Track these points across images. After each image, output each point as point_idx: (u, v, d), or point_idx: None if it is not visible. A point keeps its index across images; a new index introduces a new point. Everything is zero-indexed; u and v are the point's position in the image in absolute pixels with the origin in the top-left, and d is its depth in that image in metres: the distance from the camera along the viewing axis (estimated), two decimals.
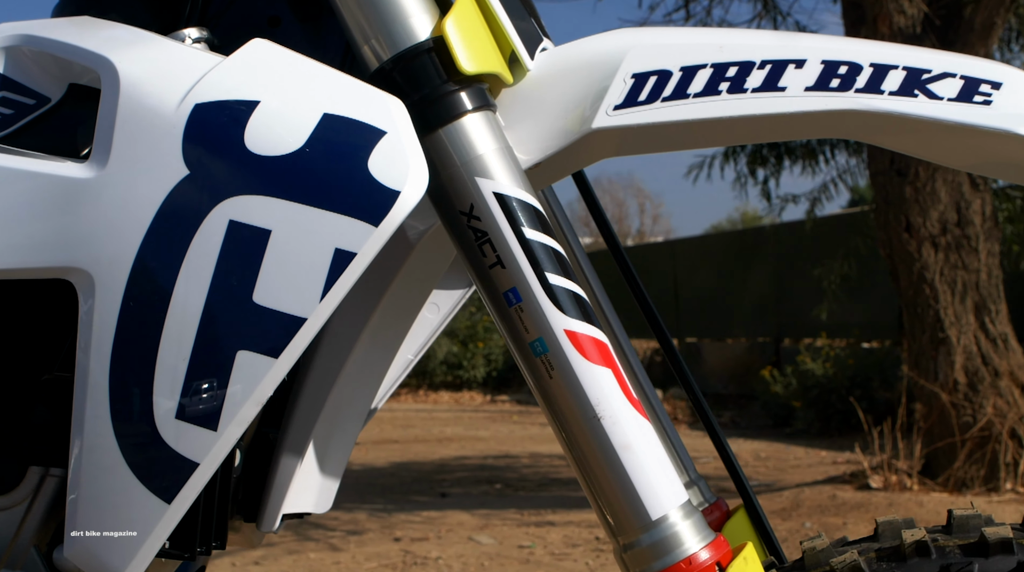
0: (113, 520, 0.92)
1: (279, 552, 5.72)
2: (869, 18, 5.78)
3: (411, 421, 11.84)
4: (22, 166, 0.96)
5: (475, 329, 15.44)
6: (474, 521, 6.36)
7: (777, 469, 8.08)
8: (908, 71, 1.03)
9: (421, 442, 10.04)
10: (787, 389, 10.26)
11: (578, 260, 1.30)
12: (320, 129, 0.92)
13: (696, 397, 1.26)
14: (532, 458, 8.88)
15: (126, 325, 0.92)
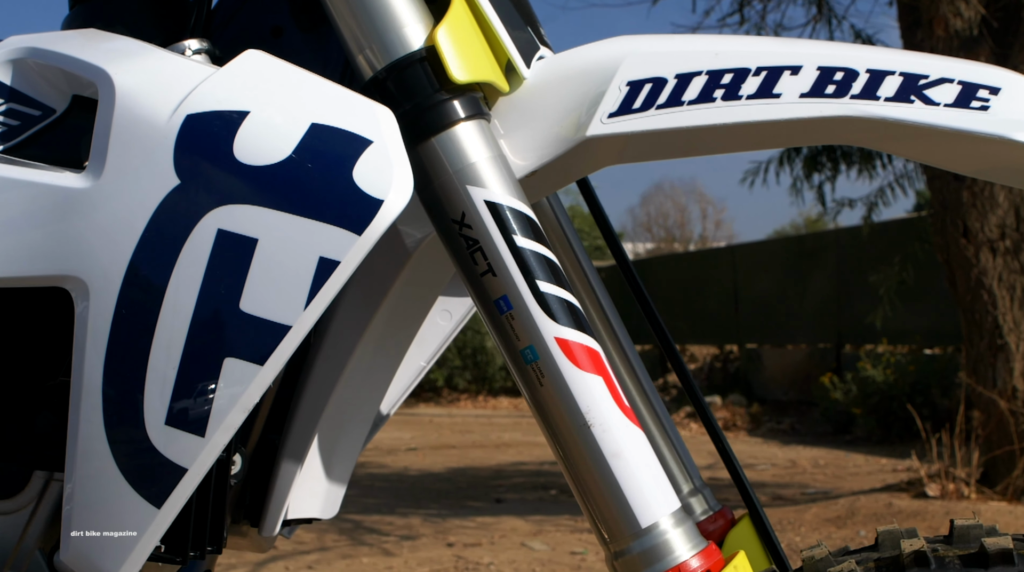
0: (105, 524, 0.94)
1: (333, 556, 5.76)
2: (924, 21, 5.72)
3: (470, 426, 11.87)
4: (21, 176, 0.98)
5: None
6: (528, 527, 6.36)
7: (835, 477, 8.00)
8: (905, 77, 1.02)
9: (479, 448, 10.06)
10: (847, 396, 10.17)
11: (582, 268, 1.30)
12: (307, 139, 0.93)
13: (697, 398, 1.26)
14: None
15: (119, 332, 0.94)
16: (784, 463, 8.84)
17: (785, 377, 12.62)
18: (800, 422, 11.32)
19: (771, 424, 11.37)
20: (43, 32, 1.11)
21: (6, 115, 1.07)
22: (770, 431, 11.07)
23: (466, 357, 14.90)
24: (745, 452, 9.60)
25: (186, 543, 1.01)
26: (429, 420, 12.80)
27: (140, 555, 0.93)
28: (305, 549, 5.93)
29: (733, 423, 11.47)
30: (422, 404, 14.87)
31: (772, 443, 10.27)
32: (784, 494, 7.29)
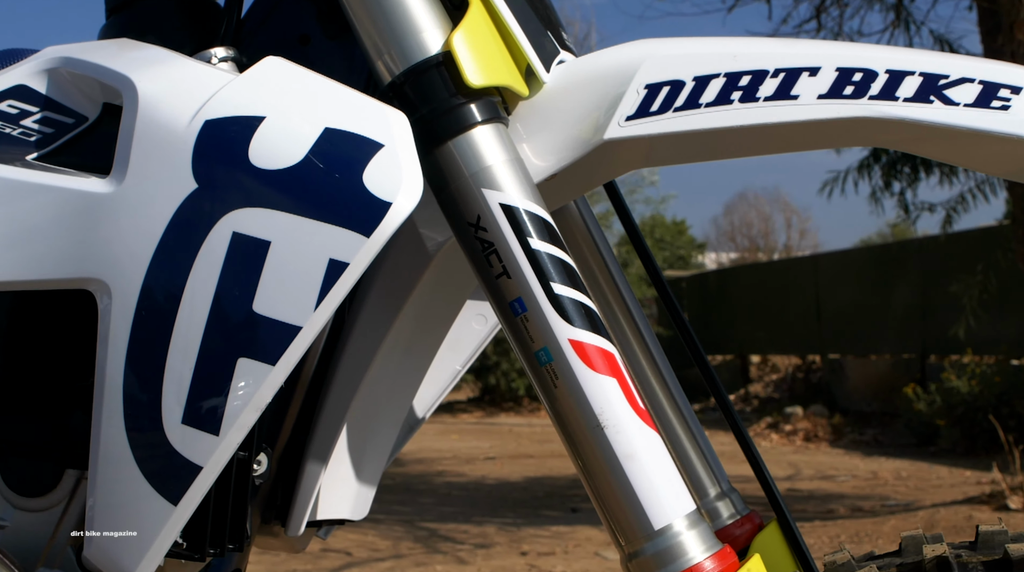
0: (125, 520, 0.96)
1: (407, 564, 5.79)
2: (1005, 25, 5.62)
3: (549, 436, 11.86)
4: (50, 182, 1.01)
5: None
6: (602, 536, 6.34)
7: (917, 489, 7.88)
8: (925, 77, 1.01)
9: (557, 457, 10.05)
10: (931, 407, 10.01)
11: (610, 272, 1.30)
12: (320, 143, 0.95)
13: (725, 405, 1.25)
14: None
15: (138, 333, 0.96)
16: (865, 475, 8.73)
17: (868, 388, 12.46)
18: (883, 433, 11.16)
19: (853, 435, 11.23)
20: (80, 42, 1.14)
21: (41, 123, 1.10)
22: (852, 442, 10.93)
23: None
24: (826, 463, 9.49)
25: (205, 540, 1.03)
26: (508, 429, 12.83)
27: (158, 551, 0.95)
28: (380, 556, 5.97)
29: (815, 434, 11.34)
30: (503, 413, 14.90)
31: (854, 454, 10.14)
32: (863, 506, 7.20)
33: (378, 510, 7.35)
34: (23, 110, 1.10)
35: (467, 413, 14.90)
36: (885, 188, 7.30)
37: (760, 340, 15.21)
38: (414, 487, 8.49)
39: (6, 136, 1.09)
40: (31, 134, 1.10)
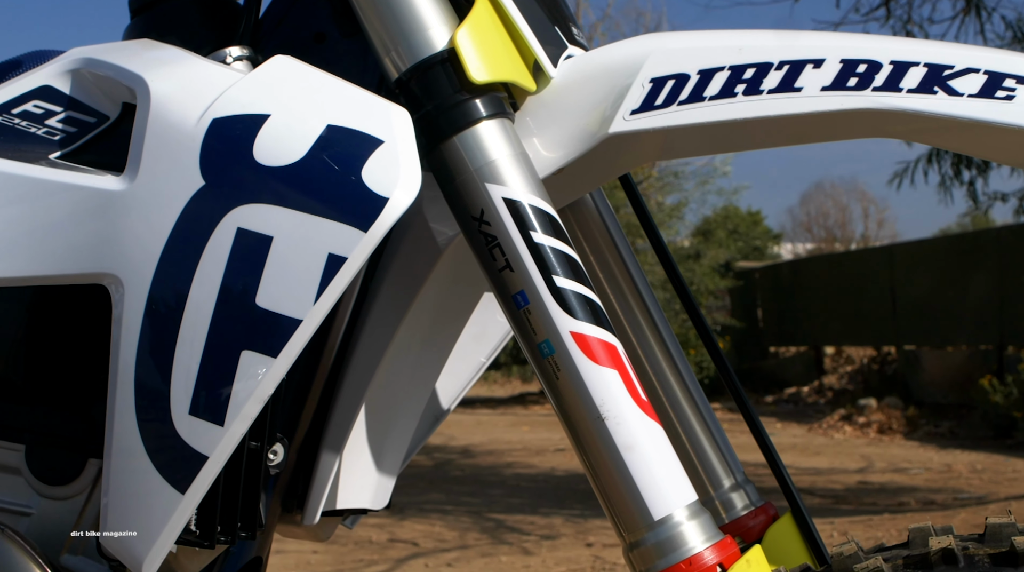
0: (136, 508, 0.99)
1: (472, 555, 5.83)
2: None
3: None
4: (68, 180, 1.04)
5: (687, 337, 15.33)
6: None
7: (992, 482, 7.76)
8: (929, 67, 1.01)
9: None
10: (1008, 399, 9.85)
11: (625, 265, 1.30)
12: (322, 140, 0.97)
13: (738, 394, 1.26)
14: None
15: (149, 326, 0.99)
16: (939, 467, 8.62)
17: (944, 379, 12.28)
18: (959, 426, 11.00)
19: (928, 427, 11.08)
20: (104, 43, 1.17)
21: (65, 122, 1.13)
22: (927, 435, 10.79)
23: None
24: (899, 456, 9.38)
25: (214, 528, 1.05)
26: None
27: (168, 539, 0.98)
28: (446, 547, 6.01)
29: (889, 426, 11.21)
30: None
31: (929, 447, 10.01)
32: (936, 499, 7.11)
33: (446, 501, 7.40)
34: (48, 110, 1.14)
35: (538, 405, 14.90)
36: (955, 177, 7.20)
37: (834, 331, 15.05)
38: (483, 478, 8.53)
39: (32, 135, 1.12)
40: (55, 133, 1.13)
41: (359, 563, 5.65)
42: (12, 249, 1.04)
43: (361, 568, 5.57)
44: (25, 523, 1.13)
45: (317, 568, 5.51)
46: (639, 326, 1.30)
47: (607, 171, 1.18)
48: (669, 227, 15.53)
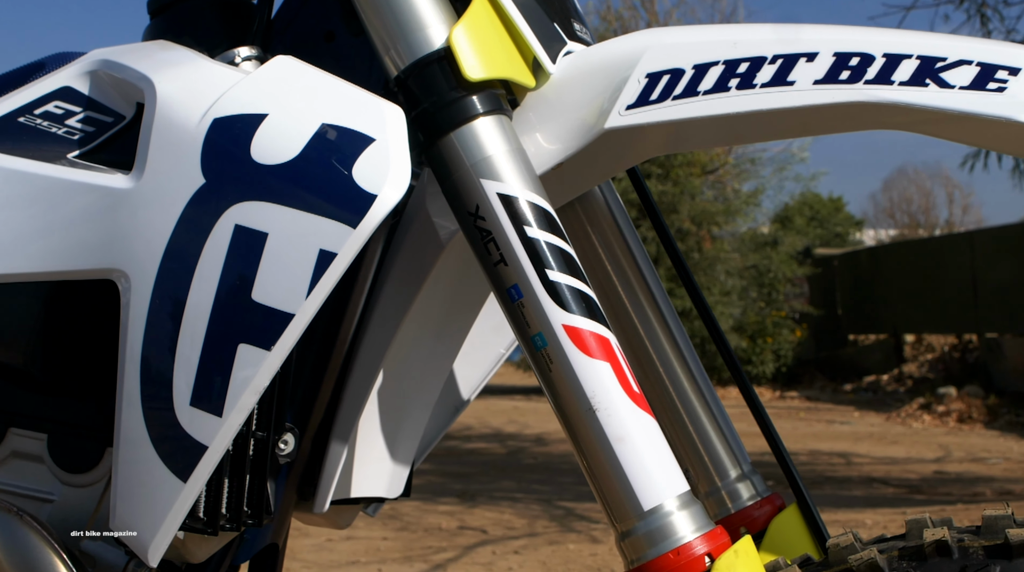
0: (141, 496, 1.02)
1: (540, 542, 5.85)
2: None
3: None
4: (78, 178, 1.08)
5: (764, 324, 15.24)
6: None
7: None
8: (922, 60, 1.01)
9: None
10: None
11: (634, 258, 1.31)
12: (315, 138, 1.00)
13: (741, 379, 1.27)
14: (810, 456, 8.71)
15: (153, 320, 1.02)
16: (1019, 457, 8.48)
17: None
18: None
19: (1010, 416, 10.90)
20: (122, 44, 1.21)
21: (83, 122, 1.17)
22: (1008, 424, 10.62)
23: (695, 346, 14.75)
24: (978, 445, 9.25)
25: (218, 516, 1.08)
26: None
27: (171, 525, 1.01)
28: (514, 534, 6.04)
29: (969, 415, 11.05)
30: None
31: (1010, 436, 9.85)
32: (1013, 489, 7.00)
33: (517, 489, 7.44)
34: (68, 110, 1.18)
35: None
36: None
37: (915, 319, 14.85)
38: (555, 467, 8.55)
39: (52, 135, 1.16)
40: (74, 133, 1.17)
41: (427, 549, 5.70)
42: (27, 245, 1.08)
43: (429, 555, 5.62)
44: (48, 509, 1.17)
45: (386, 554, 5.57)
46: (646, 317, 1.31)
47: (613, 165, 1.20)
48: (746, 214, 15.43)
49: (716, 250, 14.76)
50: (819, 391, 14.66)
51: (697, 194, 14.76)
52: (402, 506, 6.67)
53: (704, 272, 14.57)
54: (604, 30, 16.62)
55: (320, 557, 5.43)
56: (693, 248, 14.60)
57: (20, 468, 1.19)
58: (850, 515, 6.09)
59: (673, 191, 14.32)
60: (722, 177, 15.42)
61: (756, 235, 16.02)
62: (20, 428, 1.19)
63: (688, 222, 14.53)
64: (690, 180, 14.49)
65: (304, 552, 5.50)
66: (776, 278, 15.45)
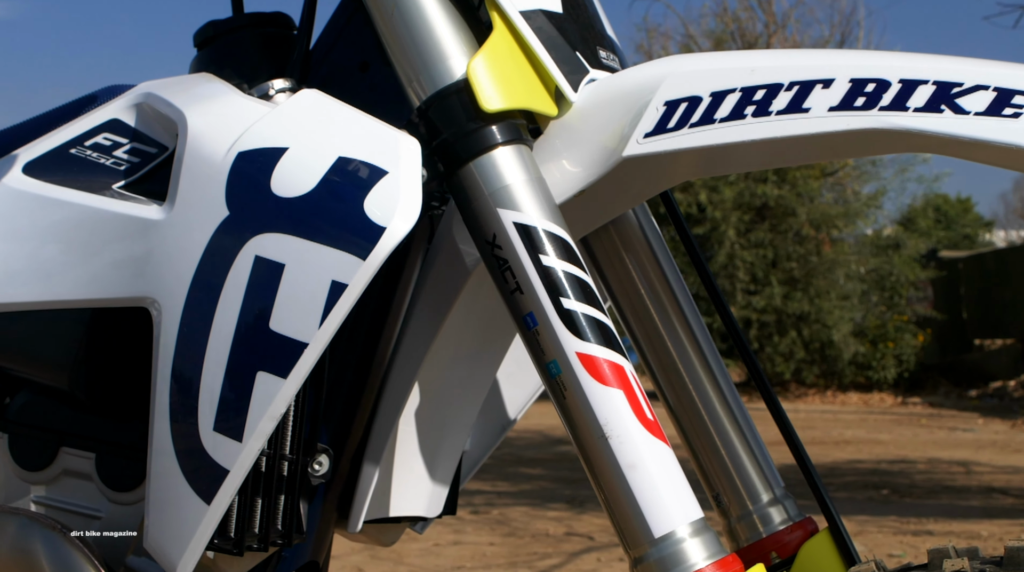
0: (170, 517, 1.06)
1: None
2: None
3: (813, 422, 11.63)
4: (117, 209, 1.12)
5: (885, 328, 14.95)
6: (849, 527, 6.12)
7: None
8: (938, 86, 1.00)
9: (817, 444, 9.86)
10: None
11: (667, 280, 1.32)
12: (331, 171, 1.03)
13: (765, 388, 1.26)
14: (929, 464, 8.54)
15: (181, 348, 1.06)
16: None
17: None
18: None
19: None
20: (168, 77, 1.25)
21: (130, 153, 1.22)
22: None
23: (814, 351, 14.59)
24: None
25: (243, 538, 1.12)
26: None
27: (197, 546, 1.05)
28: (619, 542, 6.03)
29: None
30: None
31: None
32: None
33: None
34: (115, 142, 1.22)
35: None
36: None
37: None
38: None
39: (100, 166, 1.21)
40: (121, 164, 1.21)
41: (533, 555, 5.72)
42: (66, 273, 1.13)
43: (535, 561, 5.64)
44: (97, 526, 1.22)
45: (492, 559, 5.60)
46: (679, 340, 1.31)
47: (645, 189, 1.21)
48: (867, 217, 15.17)
49: (836, 253, 14.54)
50: (943, 397, 14.33)
51: (816, 197, 14.56)
52: (511, 511, 6.71)
53: (823, 276, 14.36)
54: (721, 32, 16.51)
55: (427, 562, 5.49)
56: (811, 251, 14.41)
57: (71, 486, 1.24)
58: (966, 526, 5.96)
59: (791, 195, 14.15)
60: (842, 179, 15.19)
61: (878, 238, 15.74)
62: (71, 447, 1.24)
63: (807, 226, 14.34)
64: (808, 183, 14.30)
65: (411, 556, 5.56)
66: (899, 282, 15.16)
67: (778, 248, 14.33)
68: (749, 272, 14.34)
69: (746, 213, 14.35)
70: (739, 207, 14.23)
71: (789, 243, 14.43)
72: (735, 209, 14.19)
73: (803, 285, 14.36)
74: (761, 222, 14.49)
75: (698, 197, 14.15)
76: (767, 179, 14.18)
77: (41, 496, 1.25)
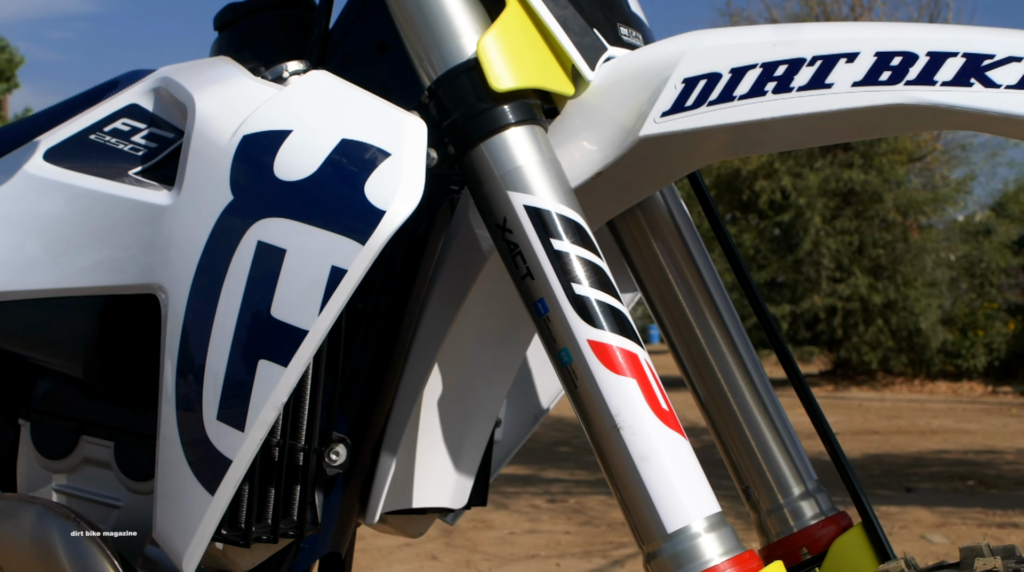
0: (177, 507, 1.05)
1: None
2: None
3: (899, 412, 11.44)
4: (129, 195, 1.11)
5: (975, 316, 14.65)
6: (932, 519, 6.09)
7: None
8: (968, 58, 0.95)
9: (903, 434, 9.69)
10: None
11: (696, 267, 1.27)
12: (334, 153, 1.00)
13: (800, 383, 1.21)
14: (1018, 455, 8.35)
15: (187, 335, 1.04)
16: None
17: None
18: None
19: None
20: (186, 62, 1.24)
21: (147, 139, 1.20)
22: None
23: (901, 339, 14.34)
24: None
25: (250, 528, 1.09)
26: (859, 404, 12.46)
27: (203, 536, 1.03)
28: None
29: None
30: (855, 387, 14.46)
31: None
32: None
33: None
34: (134, 127, 1.21)
35: (817, 387, 14.53)
36: None
37: None
38: None
39: (118, 151, 1.19)
40: (139, 149, 1.20)
41: (608, 544, 5.68)
42: (78, 259, 1.11)
43: (610, 550, 5.60)
44: (115, 515, 1.21)
45: (567, 548, 5.58)
46: (708, 327, 1.27)
47: (672, 170, 1.16)
48: (956, 202, 14.88)
49: (923, 240, 14.28)
50: None
51: (903, 182, 14.30)
52: (588, 500, 6.68)
53: (910, 263, 14.11)
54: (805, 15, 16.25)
55: (501, 550, 5.48)
56: (899, 238, 14.17)
57: (91, 474, 1.23)
58: None
59: (877, 180, 13.91)
60: (930, 164, 14.91)
61: (968, 224, 15.43)
62: (90, 436, 1.23)
63: (893, 211, 14.10)
64: (895, 168, 14.04)
65: (486, 544, 5.55)
66: (989, 268, 14.85)
67: (864, 235, 14.11)
68: (834, 259, 14.14)
69: (831, 199, 14.14)
70: (824, 193, 14.03)
71: (875, 230, 14.20)
72: (820, 195, 13.99)
73: (890, 272, 14.13)
74: (846, 208, 14.26)
75: (781, 183, 13.96)
76: (853, 164, 13.96)
77: (62, 484, 1.24)
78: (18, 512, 1.16)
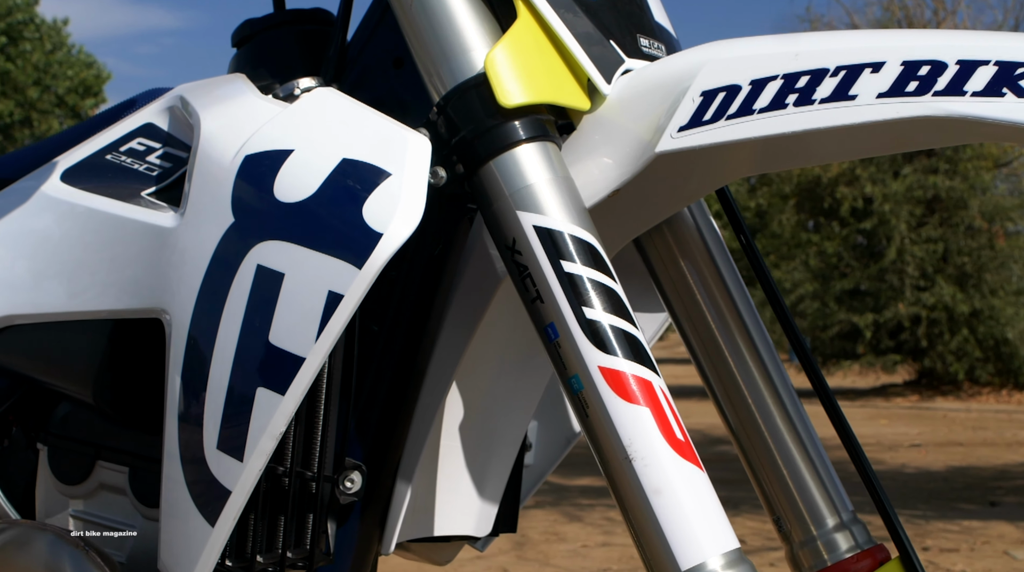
0: (179, 536, 1.02)
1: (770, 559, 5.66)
2: None
3: (985, 423, 11.20)
4: (134, 216, 1.09)
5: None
6: (1017, 534, 5.93)
7: None
8: (1000, 66, 0.89)
9: (988, 445, 9.48)
10: None
11: (725, 284, 1.21)
12: (334, 174, 0.96)
13: (831, 402, 1.16)
14: None
15: (189, 361, 1.01)
16: None
17: None
18: None
19: None
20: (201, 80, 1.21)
21: (162, 158, 1.18)
22: None
23: (987, 348, 14.05)
24: None
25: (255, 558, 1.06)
26: (943, 415, 12.22)
27: (205, 566, 1.00)
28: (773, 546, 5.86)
29: None
30: (939, 397, 14.19)
31: None
32: None
33: None
34: (149, 146, 1.19)
35: (901, 397, 14.29)
36: None
37: None
38: None
39: (133, 172, 1.17)
40: (154, 169, 1.18)
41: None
42: (88, 282, 1.09)
43: None
44: (131, 541, 1.19)
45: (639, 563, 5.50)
46: (737, 348, 1.21)
47: (698, 187, 1.12)
48: None
49: (1010, 247, 13.99)
50: None
51: (989, 188, 14.02)
52: None
53: (996, 270, 13.83)
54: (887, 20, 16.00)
55: (573, 563, 5.43)
56: (984, 245, 13.89)
57: (106, 500, 1.21)
58: None
59: (962, 187, 13.66)
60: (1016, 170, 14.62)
61: None
62: (105, 461, 1.21)
63: (979, 218, 13.83)
64: (980, 174, 13.78)
65: (558, 558, 5.51)
66: None
67: (949, 242, 13.86)
68: (919, 267, 13.91)
69: (916, 206, 13.92)
70: (909, 200, 13.81)
71: (960, 237, 13.95)
72: (905, 202, 13.78)
73: (975, 280, 13.86)
74: (931, 215, 14.02)
75: (864, 190, 13.77)
76: (938, 170, 13.73)
77: (79, 510, 1.22)
78: (29, 540, 1.14)
